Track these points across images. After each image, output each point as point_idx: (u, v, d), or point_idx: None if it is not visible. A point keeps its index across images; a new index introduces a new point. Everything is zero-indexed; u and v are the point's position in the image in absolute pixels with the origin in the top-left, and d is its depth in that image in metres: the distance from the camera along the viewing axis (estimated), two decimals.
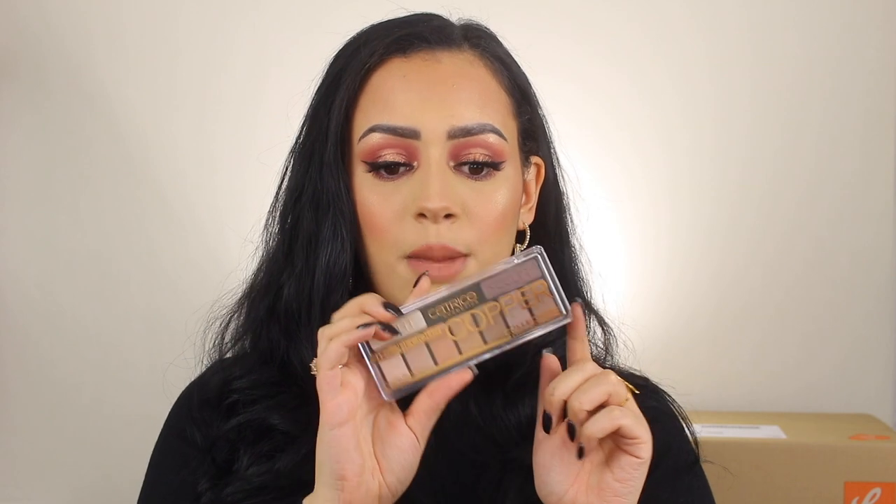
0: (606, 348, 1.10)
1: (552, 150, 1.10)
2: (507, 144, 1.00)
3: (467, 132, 0.98)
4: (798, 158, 1.96)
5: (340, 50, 1.06)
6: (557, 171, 1.10)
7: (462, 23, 1.07)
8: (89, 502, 2.01)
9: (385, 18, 1.07)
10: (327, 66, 1.05)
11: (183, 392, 1.11)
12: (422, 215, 0.97)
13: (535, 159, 1.07)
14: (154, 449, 1.09)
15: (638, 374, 1.10)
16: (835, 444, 1.70)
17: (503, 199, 1.00)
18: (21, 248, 2.02)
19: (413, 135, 0.98)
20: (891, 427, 1.85)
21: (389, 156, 0.99)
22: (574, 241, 1.10)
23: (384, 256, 1.00)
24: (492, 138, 0.99)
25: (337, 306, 0.93)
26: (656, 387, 1.10)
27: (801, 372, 1.97)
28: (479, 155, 0.99)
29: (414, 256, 0.98)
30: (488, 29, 1.08)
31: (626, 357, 1.12)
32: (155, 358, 1.35)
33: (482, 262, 0.99)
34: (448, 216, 0.97)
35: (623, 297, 1.93)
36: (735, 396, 1.96)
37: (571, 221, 1.11)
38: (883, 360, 1.97)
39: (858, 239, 1.96)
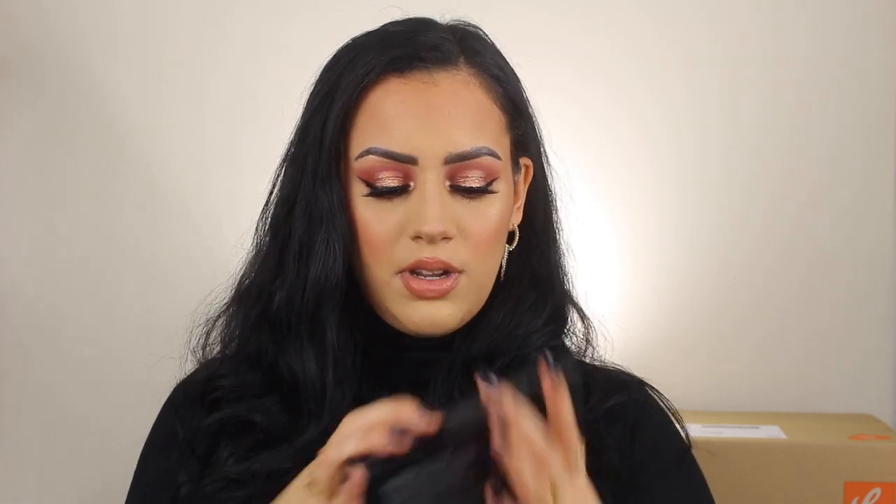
0: (588, 341, 1.12)
1: (542, 150, 1.11)
2: (500, 163, 1.03)
3: (463, 157, 1.01)
4: (803, 161, 1.95)
5: (332, 59, 1.06)
6: (546, 169, 1.12)
7: (452, 24, 1.07)
8: (90, 502, 2.01)
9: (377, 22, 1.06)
10: (320, 76, 1.06)
11: (171, 391, 1.12)
12: (418, 237, 1.00)
13: (524, 160, 1.09)
14: (143, 446, 1.11)
15: (624, 369, 1.12)
16: (835, 444, 1.70)
17: (497, 214, 1.03)
18: (16, 249, 2.01)
19: (410, 161, 1.00)
20: (891, 427, 1.85)
21: (387, 180, 1.01)
22: (561, 238, 1.12)
23: (379, 272, 1.02)
24: (487, 160, 1.02)
25: (326, 320, 0.97)
26: (641, 381, 1.11)
27: (801, 372, 1.96)
28: (474, 180, 1.01)
29: (408, 270, 1.01)
30: (480, 31, 1.08)
31: (605, 351, 1.13)
32: (154, 359, 1.35)
33: (474, 277, 1.02)
34: (444, 238, 1.00)
35: (625, 296, 1.95)
36: (735, 396, 1.96)
37: (559, 219, 1.12)
38: (883, 360, 1.96)
39: (860, 240, 1.96)
